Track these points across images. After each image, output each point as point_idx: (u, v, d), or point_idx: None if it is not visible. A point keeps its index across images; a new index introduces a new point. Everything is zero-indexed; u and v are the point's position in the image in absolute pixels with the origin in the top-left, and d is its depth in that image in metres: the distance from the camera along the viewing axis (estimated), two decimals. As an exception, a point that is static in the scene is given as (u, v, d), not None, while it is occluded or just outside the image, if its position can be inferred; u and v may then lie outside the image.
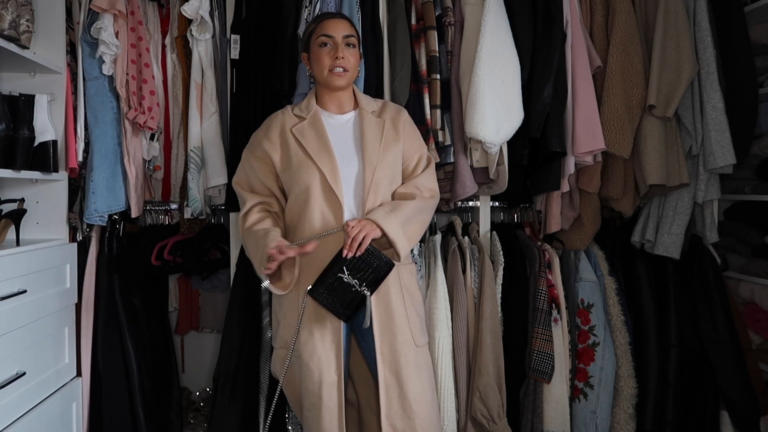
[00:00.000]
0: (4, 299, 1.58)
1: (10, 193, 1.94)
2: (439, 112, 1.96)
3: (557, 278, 2.03)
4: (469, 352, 1.92)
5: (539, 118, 1.91)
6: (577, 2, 2.03)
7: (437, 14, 2.01)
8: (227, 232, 2.22)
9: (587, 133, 1.93)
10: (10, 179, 1.85)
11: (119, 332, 2.06)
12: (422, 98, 1.95)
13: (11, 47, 1.68)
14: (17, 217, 1.79)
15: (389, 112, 1.67)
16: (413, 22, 2.02)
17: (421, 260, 1.99)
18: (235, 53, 2.01)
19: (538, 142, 1.94)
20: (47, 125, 1.82)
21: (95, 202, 1.96)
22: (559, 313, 1.99)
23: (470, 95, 1.85)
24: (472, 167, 1.98)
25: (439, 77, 1.96)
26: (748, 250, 2.31)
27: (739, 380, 2.02)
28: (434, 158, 1.85)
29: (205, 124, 2.09)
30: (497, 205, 2.28)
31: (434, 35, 1.97)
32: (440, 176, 2.03)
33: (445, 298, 1.91)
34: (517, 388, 2.03)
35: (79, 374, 2.00)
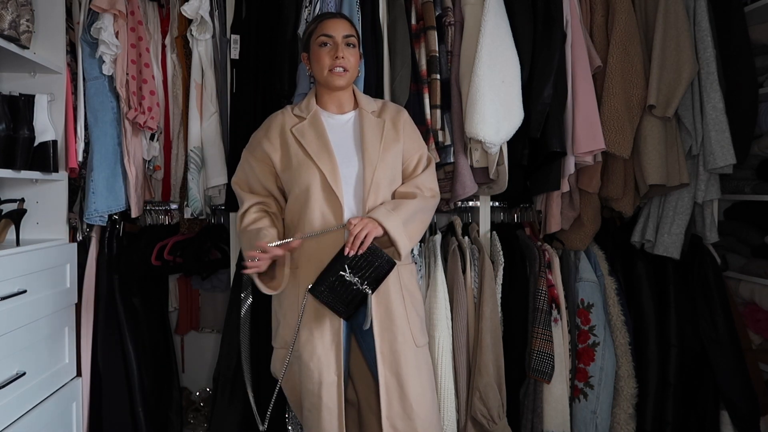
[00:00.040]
0: (4, 299, 1.58)
1: (10, 193, 1.94)
2: (439, 112, 1.96)
3: (557, 278, 2.03)
4: (469, 352, 1.92)
5: (539, 118, 1.91)
6: (577, 2, 2.03)
7: (437, 14, 2.01)
8: (227, 232, 2.22)
9: (587, 133, 1.93)
10: (10, 179, 1.85)
11: (119, 332, 2.06)
12: (422, 98, 1.95)
13: (11, 47, 1.68)
14: (17, 217, 1.79)
15: (389, 112, 1.67)
16: (413, 22, 2.02)
17: (421, 260, 1.99)
18: (235, 53, 2.01)
19: (538, 142, 1.94)
20: (47, 125, 1.82)
21: (95, 202, 1.96)
22: (559, 313, 1.99)
23: (470, 95, 1.85)
24: (472, 167, 1.98)
25: (439, 77, 1.96)
26: (748, 250, 2.30)
27: (739, 380, 2.02)
28: (434, 158, 1.85)
29: (205, 124, 2.09)
30: (497, 205, 2.28)
31: (434, 35, 1.97)
32: (440, 176, 2.03)
33: (445, 298, 1.91)
34: (517, 388, 2.03)
35: (79, 374, 2.00)
